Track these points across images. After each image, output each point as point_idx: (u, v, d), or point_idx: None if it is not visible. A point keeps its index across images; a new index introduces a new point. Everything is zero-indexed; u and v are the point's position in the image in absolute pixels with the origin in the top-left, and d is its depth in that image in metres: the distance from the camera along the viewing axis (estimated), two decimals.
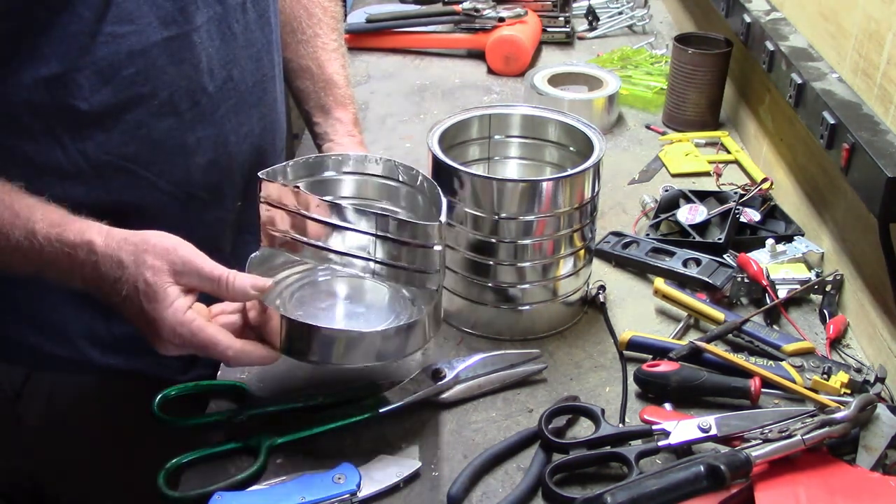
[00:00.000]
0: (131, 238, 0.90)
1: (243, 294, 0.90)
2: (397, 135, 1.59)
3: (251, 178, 1.11)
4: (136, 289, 0.88)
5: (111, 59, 0.95)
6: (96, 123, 0.97)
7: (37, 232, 0.89)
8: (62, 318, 1.09)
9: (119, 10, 0.94)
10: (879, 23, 1.07)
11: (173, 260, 0.89)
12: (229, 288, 0.89)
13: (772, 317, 1.13)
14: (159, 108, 1.00)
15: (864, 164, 0.99)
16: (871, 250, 1.07)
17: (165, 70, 0.99)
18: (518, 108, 1.20)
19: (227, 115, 1.07)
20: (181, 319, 0.88)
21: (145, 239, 0.90)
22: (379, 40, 1.96)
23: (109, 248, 0.89)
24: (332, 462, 0.90)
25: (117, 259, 0.89)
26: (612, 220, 1.35)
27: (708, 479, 0.82)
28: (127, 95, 0.97)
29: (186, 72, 1.01)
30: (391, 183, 1.06)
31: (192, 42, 1.00)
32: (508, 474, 0.92)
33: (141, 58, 0.97)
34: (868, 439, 0.88)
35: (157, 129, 1.01)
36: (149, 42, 0.97)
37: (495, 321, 1.10)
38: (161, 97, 1.00)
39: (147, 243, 0.89)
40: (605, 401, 1.01)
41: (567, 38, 2.01)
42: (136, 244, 0.89)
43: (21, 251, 0.90)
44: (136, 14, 0.95)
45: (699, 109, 1.59)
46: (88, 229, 0.90)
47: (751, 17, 1.41)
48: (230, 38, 1.06)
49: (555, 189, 1.02)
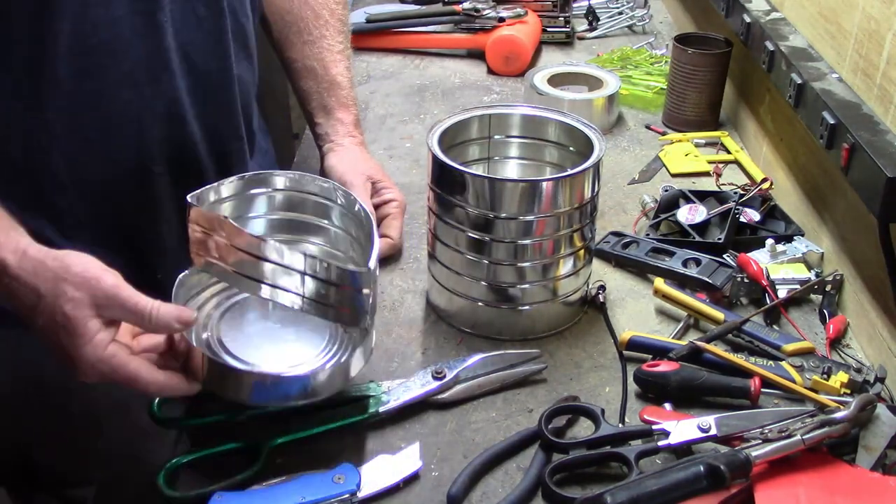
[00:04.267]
0: (50, 263, 0.84)
1: (167, 328, 0.87)
2: (397, 135, 1.59)
3: (204, 159, 1.13)
4: (55, 321, 0.83)
5: (78, 28, 0.96)
6: (60, 89, 0.98)
7: None
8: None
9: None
10: (879, 23, 1.07)
11: (95, 293, 0.84)
12: (153, 321, 0.86)
13: (772, 317, 1.13)
14: (120, 79, 1.01)
15: (864, 164, 0.99)
16: (871, 250, 1.07)
17: (130, 43, 1.00)
18: (518, 108, 1.20)
19: (183, 95, 1.08)
20: (101, 356, 0.84)
21: (66, 266, 0.84)
22: (379, 40, 1.96)
23: (24, 273, 0.84)
24: (332, 462, 0.90)
25: (32, 286, 0.84)
26: (612, 220, 1.35)
27: (708, 479, 0.82)
28: (90, 63, 0.99)
29: (149, 48, 1.02)
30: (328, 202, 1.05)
31: (157, 21, 1.02)
32: (508, 474, 0.92)
33: (106, 30, 0.98)
34: (868, 439, 0.88)
35: (116, 99, 1.02)
36: (115, 15, 0.98)
37: (495, 321, 1.10)
38: (123, 68, 1.01)
39: (68, 272, 0.84)
40: (605, 401, 1.01)
41: (567, 38, 2.01)
42: (55, 271, 0.84)
43: None
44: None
45: (699, 109, 1.59)
46: (2, 246, 0.85)
47: (751, 17, 1.41)
48: (194, 22, 1.07)
49: (555, 189, 1.02)
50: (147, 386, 0.86)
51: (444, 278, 1.11)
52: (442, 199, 1.06)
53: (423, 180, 1.14)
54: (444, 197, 1.05)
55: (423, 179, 1.15)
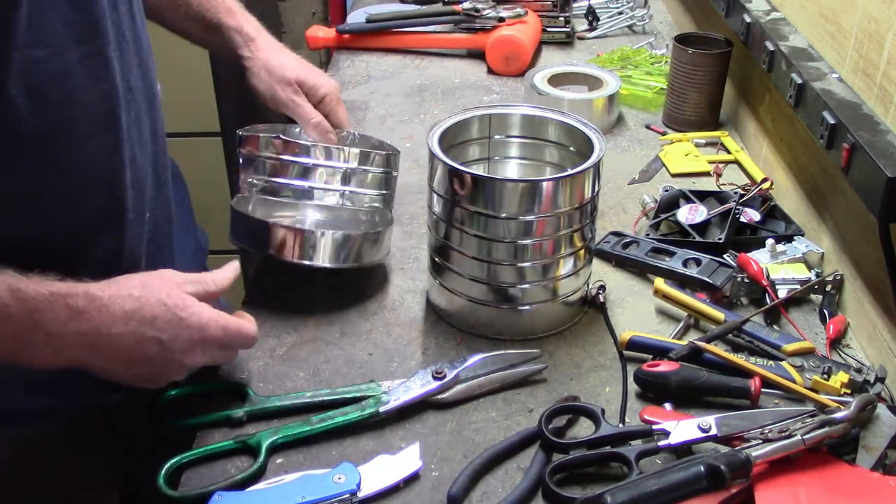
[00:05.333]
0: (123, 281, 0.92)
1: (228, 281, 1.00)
2: (397, 135, 1.59)
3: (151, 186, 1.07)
4: (164, 306, 0.90)
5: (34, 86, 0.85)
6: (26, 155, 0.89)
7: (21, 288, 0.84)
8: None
9: (31, 32, 0.84)
10: (879, 23, 1.07)
11: (173, 278, 0.94)
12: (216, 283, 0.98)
13: (772, 317, 1.13)
14: (83, 132, 0.93)
15: (864, 164, 0.99)
16: (871, 250, 1.07)
17: (88, 91, 0.91)
18: (518, 108, 1.20)
19: (131, 129, 1.00)
20: (214, 314, 0.94)
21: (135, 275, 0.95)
22: (379, 40, 1.96)
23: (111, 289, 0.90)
24: (332, 462, 0.90)
25: (126, 294, 0.90)
26: (612, 220, 1.35)
27: (708, 479, 0.82)
28: (55, 122, 0.89)
29: (103, 89, 0.94)
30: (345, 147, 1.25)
31: (107, 58, 0.93)
32: (508, 474, 0.92)
33: (63, 81, 0.89)
34: (868, 439, 0.88)
35: (84, 154, 0.94)
36: (68, 63, 0.88)
37: (495, 321, 1.10)
38: (84, 120, 0.92)
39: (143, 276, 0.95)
40: (605, 401, 1.01)
41: (567, 38, 2.00)
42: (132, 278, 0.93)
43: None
44: (52, 35, 0.86)
45: (699, 109, 1.59)
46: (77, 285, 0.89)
47: (751, 17, 1.41)
48: (125, 46, 0.98)
49: (555, 189, 1.02)
50: (249, 331, 0.97)
51: (444, 278, 1.11)
52: (442, 199, 1.06)
53: (423, 180, 1.14)
54: (444, 197, 1.05)
55: (423, 179, 1.15)
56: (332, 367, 1.05)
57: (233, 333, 0.95)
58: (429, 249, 1.13)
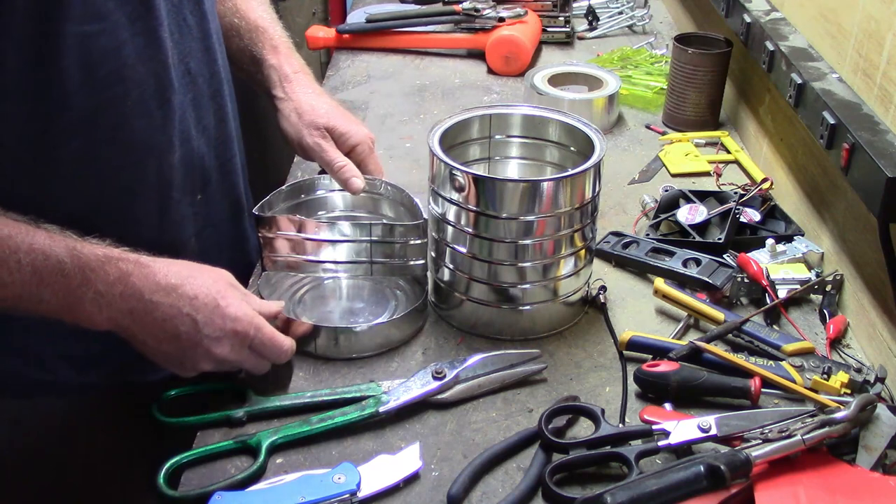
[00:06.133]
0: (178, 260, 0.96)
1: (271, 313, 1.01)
2: (397, 135, 1.59)
3: (210, 169, 1.12)
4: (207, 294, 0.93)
5: (85, 59, 0.90)
6: (75, 128, 0.94)
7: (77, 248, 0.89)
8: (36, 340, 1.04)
9: (85, 7, 0.88)
10: (879, 23, 1.07)
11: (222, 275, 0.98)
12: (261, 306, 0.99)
13: (772, 317, 1.13)
14: (132, 108, 0.97)
15: (864, 164, 0.99)
16: (871, 250, 1.07)
17: (135, 69, 0.96)
18: (518, 108, 1.20)
19: (188, 111, 1.05)
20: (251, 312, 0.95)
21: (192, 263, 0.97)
22: (379, 40, 1.96)
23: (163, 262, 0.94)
24: (332, 462, 0.90)
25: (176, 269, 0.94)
26: (612, 220, 1.35)
27: (708, 479, 0.82)
28: (104, 98, 0.94)
29: (155, 69, 0.98)
30: (374, 195, 1.21)
31: (159, 38, 0.97)
32: (508, 474, 0.92)
33: (113, 57, 0.93)
34: (868, 439, 0.88)
35: (131, 130, 0.98)
36: (119, 40, 0.93)
37: (495, 321, 1.10)
38: (133, 97, 0.96)
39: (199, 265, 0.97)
40: (605, 401, 1.01)
41: (567, 38, 2.01)
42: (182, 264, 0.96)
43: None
44: (104, 11, 0.91)
45: (699, 109, 1.59)
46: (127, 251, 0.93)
47: (751, 17, 1.41)
48: (186, 30, 1.03)
49: (555, 189, 1.02)
50: (282, 343, 0.98)
51: (444, 278, 1.11)
52: (442, 199, 1.06)
53: (423, 180, 1.14)
54: (445, 197, 1.05)
55: (423, 179, 1.14)
56: (332, 367, 1.05)
57: (265, 338, 0.96)
58: (429, 249, 1.13)
